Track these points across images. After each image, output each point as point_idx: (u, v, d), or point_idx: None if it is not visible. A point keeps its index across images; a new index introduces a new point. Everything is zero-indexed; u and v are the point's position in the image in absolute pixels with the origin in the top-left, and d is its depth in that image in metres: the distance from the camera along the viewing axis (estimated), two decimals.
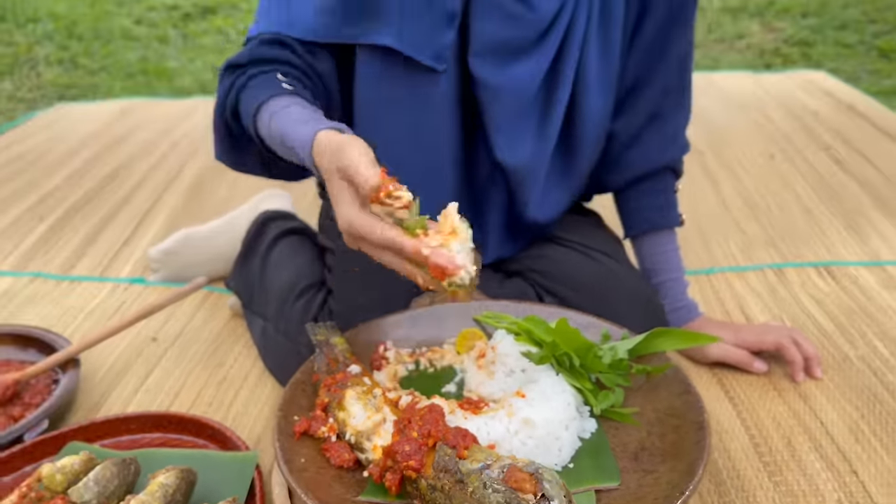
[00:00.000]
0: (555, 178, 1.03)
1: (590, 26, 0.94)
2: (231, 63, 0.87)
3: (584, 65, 0.95)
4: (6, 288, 1.35)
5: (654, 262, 1.13)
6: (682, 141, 1.10)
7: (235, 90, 0.85)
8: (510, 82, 0.93)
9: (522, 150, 0.97)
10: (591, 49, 0.95)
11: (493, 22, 0.90)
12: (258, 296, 1.13)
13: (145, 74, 2.65)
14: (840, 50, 2.57)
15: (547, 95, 0.97)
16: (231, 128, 0.89)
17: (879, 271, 1.29)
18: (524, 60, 0.93)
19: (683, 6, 0.99)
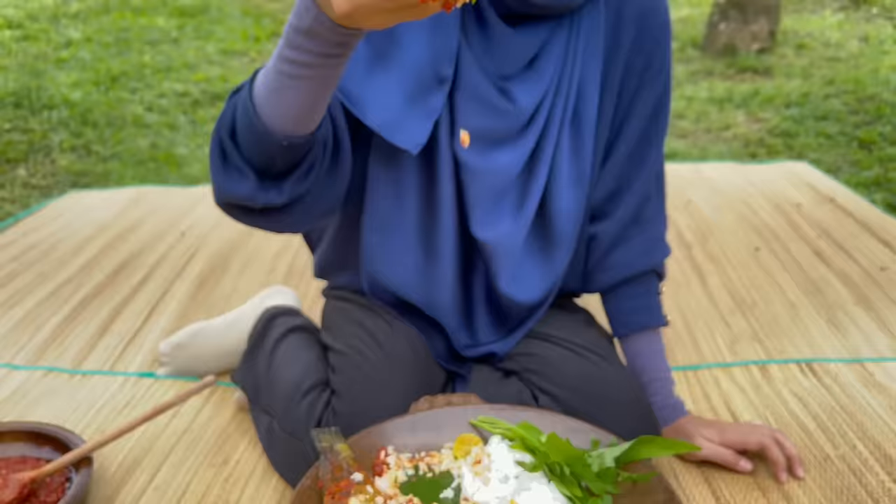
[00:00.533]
0: (531, 261, 1.10)
1: (562, 127, 1.03)
2: (235, 88, 0.85)
3: (556, 161, 1.04)
4: (21, 382, 1.40)
5: (640, 362, 1.18)
6: (663, 244, 1.18)
7: (233, 102, 0.82)
8: (492, 168, 1.01)
9: (497, 228, 1.04)
10: (563, 149, 1.03)
11: (477, 114, 0.98)
12: (264, 393, 1.18)
13: (155, 161, 2.76)
14: (822, 140, 2.69)
15: (524, 182, 1.05)
16: (224, 145, 0.82)
17: (860, 368, 1.35)
18: (506, 149, 1.02)
19: (655, 125, 1.09)
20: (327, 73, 0.70)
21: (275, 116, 0.75)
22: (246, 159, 0.80)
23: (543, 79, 1.00)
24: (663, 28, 1.05)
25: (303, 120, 0.76)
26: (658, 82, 1.07)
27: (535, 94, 1.00)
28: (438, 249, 1.05)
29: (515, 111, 1.00)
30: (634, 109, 1.08)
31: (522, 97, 0.99)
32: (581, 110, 1.04)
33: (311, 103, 0.74)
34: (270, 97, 0.74)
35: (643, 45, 1.04)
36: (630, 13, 1.02)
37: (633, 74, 1.06)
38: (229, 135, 0.80)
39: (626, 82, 1.06)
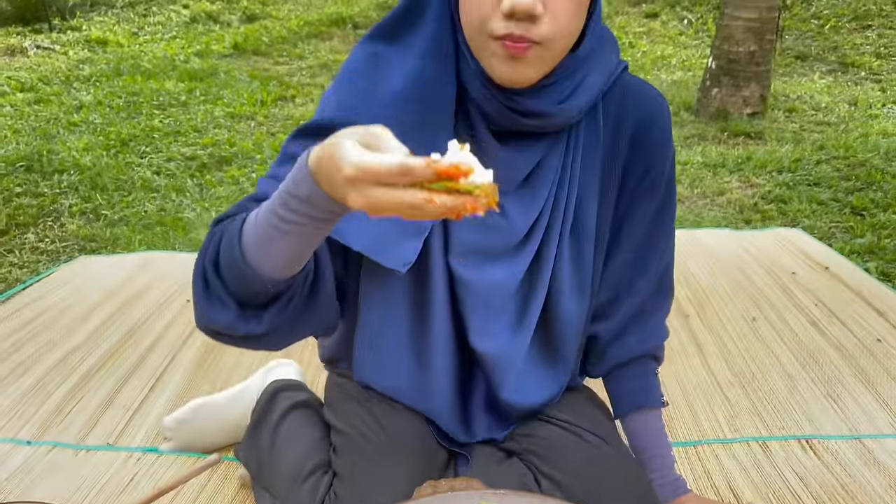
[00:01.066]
0: (535, 370, 1.08)
1: (562, 240, 1.02)
2: (217, 218, 0.87)
3: (557, 273, 1.03)
4: (25, 458, 1.41)
5: (640, 440, 1.19)
6: (662, 331, 1.19)
7: (218, 234, 0.83)
8: (487, 283, 1.00)
9: (496, 341, 1.03)
10: (563, 260, 1.02)
11: (471, 230, 0.98)
12: (267, 471, 1.18)
13: (163, 225, 2.81)
14: (815, 206, 2.74)
15: (524, 295, 1.03)
16: (207, 275, 0.83)
17: (859, 445, 1.36)
18: (501, 265, 1.00)
19: (658, 231, 1.08)
20: (318, 230, 0.73)
21: (262, 263, 0.77)
22: (229, 291, 0.82)
23: (539, 196, 0.99)
24: (663, 137, 1.02)
25: (289, 267, 0.78)
26: (657, 190, 1.06)
27: (530, 213, 0.99)
28: (433, 361, 1.05)
29: (510, 228, 0.99)
30: (633, 217, 1.07)
31: (517, 215, 0.99)
32: (580, 221, 1.03)
33: (299, 253, 0.77)
34: (260, 246, 0.76)
35: (641, 153, 1.03)
36: (628, 123, 1.01)
37: (630, 182, 1.05)
38: (213, 266, 0.81)
39: (623, 190, 1.05)
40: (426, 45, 0.91)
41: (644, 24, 6.88)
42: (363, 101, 0.91)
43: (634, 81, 1.02)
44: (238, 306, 0.82)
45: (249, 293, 0.81)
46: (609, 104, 1.01)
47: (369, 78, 0.93)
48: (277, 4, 7.81)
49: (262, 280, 0.78)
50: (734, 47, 4.27)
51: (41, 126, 4.09)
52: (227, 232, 0.80)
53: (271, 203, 0.73)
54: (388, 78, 0.92)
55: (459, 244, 0.98)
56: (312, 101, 4.82)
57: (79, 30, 6.95)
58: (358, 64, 0.94)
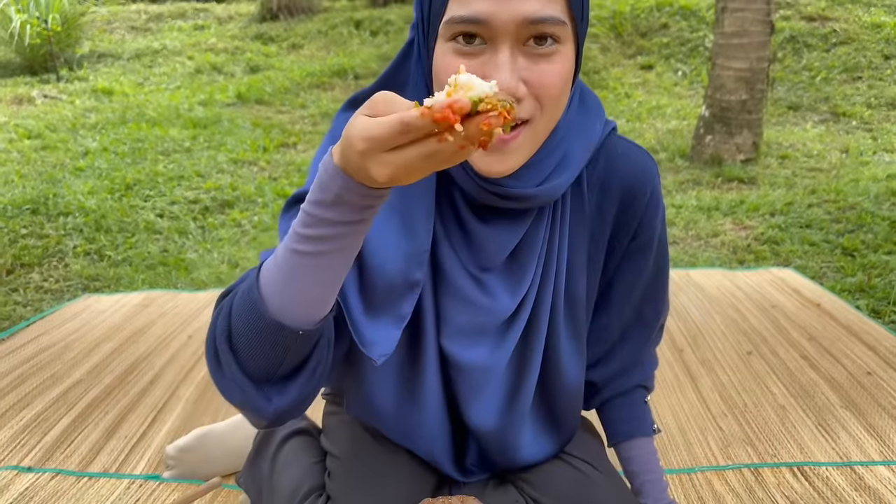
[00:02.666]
0: (538, 432, 1.08)
1: (556, 311, 1.00)
2: (223, 292, 0.83)
3: (555, 344, 1.01)
4: (28, 485, 1.42)
5: (633, 465, 1.21)
6: (654, 364, 1.22)
7: (227, 305, 0.77)
8: (477, 362, 0.99)
9: (491, 419, 1.02)
10: (559, 331, 1.01)
11: (459, 311, 0.96)
12: (266, 497, 1.20)
13: (165, 266, 2.85)
14: (806, 248, 2.79)
15: (516, 372, 1.02)
16: (219, 353, 0.77)
17: (850, 472, 1.38)
18: (489, 343, 0.99)
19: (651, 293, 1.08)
20: (351, 241, 0.70)
21: (290, 305, 0.72)
22: (242, 368, 0.75)
23: (526, 272, 0.96)
24: (651, 200, 1.00)
25: (321, 301, 0.73)
26: (649, 250, 1.05)
27: (517, 291, 0.96)
28: (425, 429, 1.04)
29: (496, 307, 0.97)
30: (625, 276, 1.06)
31: (503, 293, 0.97)
32: (571, 292, 1.02)
33: (332, 280, 0.72)
34: (286, 285, 0.71)
35: (630, 220, 1.01)
36: (615, 192, 0.99)
37: (620, 245, 1.04)
38: (226, 339, 0.75)
39: (613, 253, 1.05)
40: None
41: (639, 76, 7.05)
42: None
43: (620, 146, 0.99)
44: (256, 385, 0.76)
45: (271, 359, 0.75)
46: (593, 173, 0.98)
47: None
48: (280, 56, 8.02)
49: (289, 328, 0.72)
50: (726, 96, 4.39)
51: (47, 171, 4.17)
52: (239, 294, 0.75)
53: (292, 235, 0.70)
54: None
55: (449, 324, 0.97)
56: (314, 147, 4.92)
57: (85, 80, 7.12)
58: (338, 134, 0.90)
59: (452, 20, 0.77)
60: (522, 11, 0.75)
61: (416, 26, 0.88)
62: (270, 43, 8.51)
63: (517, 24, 0.75)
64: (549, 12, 0.76)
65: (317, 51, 8.17)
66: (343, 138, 0.63)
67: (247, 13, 9.97)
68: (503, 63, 0.76)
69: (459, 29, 0.77)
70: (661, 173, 4.24)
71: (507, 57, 0.76)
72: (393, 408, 1.03)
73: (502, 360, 1.00)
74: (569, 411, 1.08)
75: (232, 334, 0.74)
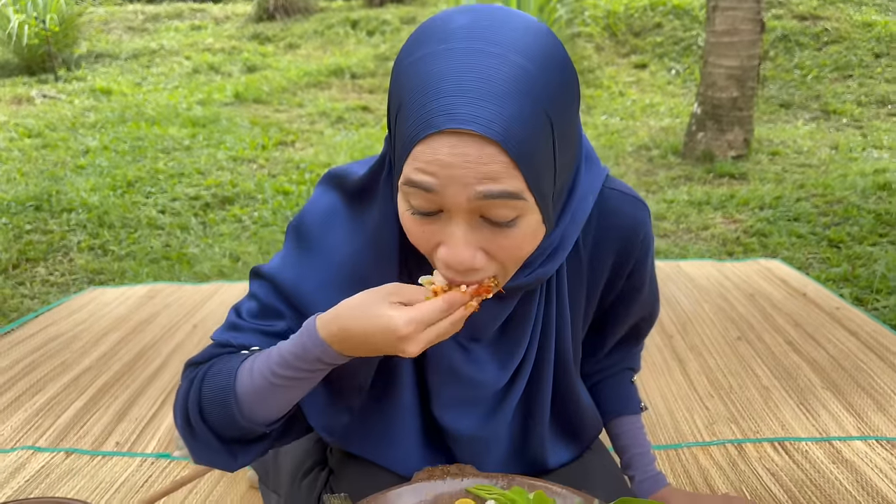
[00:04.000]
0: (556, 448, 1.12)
1: (565, 364, 1.03)
2: (190, 362, 0.90)
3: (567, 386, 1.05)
4: (44, 463, 1.49)
5: (622, 440, 1.27)
6: (641, 348, 1.28)
7: (198, 383, 0.86)
8: (472, 430, 1.01)
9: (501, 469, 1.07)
10: (571, 377, 1.05)
11: (445, 381, 0.97)
12: (272, 473, 1.27)
13: (168, 260, 2.91)
14: (793, 240, 2.87)
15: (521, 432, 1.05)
16: (193, 425, 0.86)
17: (828, 447, 1.45)
18: (483, 412, 1.01)
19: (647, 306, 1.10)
20: (320, 377, 0.83)
21: (261, 413, 0.84)
22: (216, 434, 0.87)
23: (518, 345, 0.96)
24: (644, 245, 1.00)
25: (288, 407, 0.86)
26: (641, 287, 1.07)
27: (508, 362, 0.97)
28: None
29: (486, 380, 0.99)
30: (620, 307, 1.08)
31: (492, 366, 0.96)
32: (577, 342, 1.05)
33: (300, 396, 0.85)
34: (259, 401, 0.83)
35: (624, 266, 1.02)
36: (610, 247, 0.98)
37: (613, 289, 1.05)
38: (198, 412, 0.85)
39: (608, 293, 1.06)
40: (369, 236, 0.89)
41: (633, 74, 7.13)
42: (311, 274, 0.91)
43: (612, 200, 0.96)
44: (226, 446, 0.89)
45: (242, 436, 0.88)
46: (588, 233, 0.96)
47: (320, 244, 0.91)
48: (277, 56, 8.08)
49: (258, 427, 0.86)
50: (717, 93, 4.47)
51: (49, 169, 4.23)
52: (211, 385, 0.85)
53: (269, 367, 0.81)
54: (335, 249, 0.91)
55: (438, 396, 0.98)
56: (312, 145, 4.98)
57: (83, 80, 7.17)
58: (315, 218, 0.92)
59: (406, 181, 0.72)
60: (474, 189, 0.68)
61: (386, 147, 0.84)
62: (267, 43, 8.56)
63: (469, 199, 0.69)
64: (505, 188, 0.69)
65: (313, 50, 8.23)
66: (359, 330, 0.75)
67: (243, 13, 10.03)
68: (457, 236, 0.72)
69: (413, 193, 0.72)
70: (654, 170, 4.31)
71: (461, 230, 0.72)
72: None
73: (499, 428, 1.02)
74: (588, 423, 1.13)
75: (203, 412, 0.85)
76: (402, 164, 0.73)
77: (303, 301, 0.91)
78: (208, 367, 0.87)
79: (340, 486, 1.11)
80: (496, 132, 0.67)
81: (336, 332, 0.76)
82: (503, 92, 0.67)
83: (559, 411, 1.08)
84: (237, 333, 0.91)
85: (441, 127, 0.67)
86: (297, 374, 0.80)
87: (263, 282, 0.94)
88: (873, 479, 1.34)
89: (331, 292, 0.90)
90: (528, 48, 0.70)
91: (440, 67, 0.69)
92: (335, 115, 5.88)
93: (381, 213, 0.86)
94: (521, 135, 0.68)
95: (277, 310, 0.92)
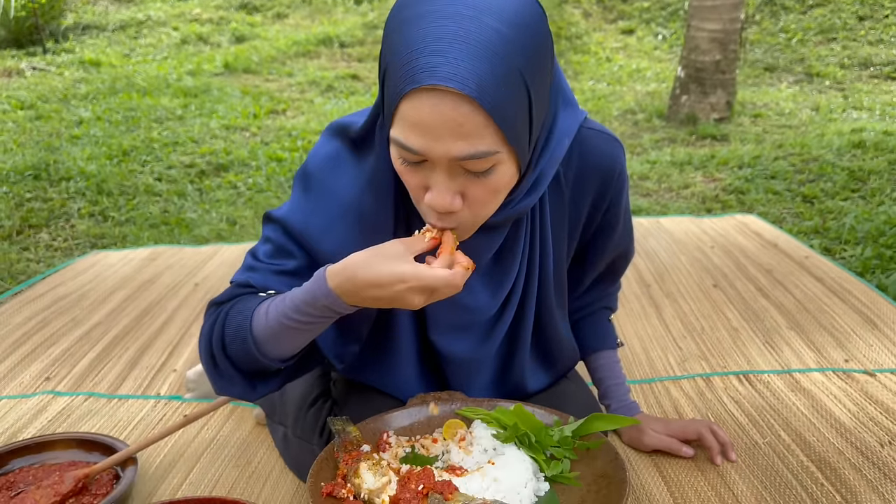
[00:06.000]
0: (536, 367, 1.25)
1: (546, 293, 1.14)
2: (213, 301, 1.02)
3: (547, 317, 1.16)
4: (64, 406, 1.60)
5: (599, 373, 1.39)
6: (617, 289, 1.40)
7: (221, 320, 0.97)
8: (465, 353, 1.14)
9: (486, 394, 1.21)
10: (552, 308, 1.16)
11: (443, 309, 1.08)
12: (279, 408, 1.38)
13: (167, 225, 3.01)
14: (770, 196, 2.99)
15: (507, 356, 1.18)
16: (216, 360, 0.99)
17: (788, 378, 1.58)
18: (477, 337, 1.13)
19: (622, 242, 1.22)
20: (329, 322, 0.93)
21: (274, 352, 0.95)
22: (238, 368, 0.99)
23: (508, 274, 1.07)
24: (620, 180, 1.10)
25: (302, 346, 0.97)
26: (618, 217, 1.16)
27: (499, 291, 1.07)
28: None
29: (480, 306, 1.08)
30: (598, 242, 1.19)
31: (485, 294, 1.07)
32: (559, 273, 1.16)
33: (311, 338, 0.95)
34: (273, 341, 0.94)
35: (603, 201, 1.12)
36: (589, 183, 1.08)
37: (594, 221, 1.15)
38: (221, 349, 0.97)
39: (588, 227, 1.16)
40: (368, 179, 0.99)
41: (620, 40, 7.18)
42: (318, 214, 1.02)
43: (591, 139, 1.06)
44: (247, 378, 1.00)
45: (260, 370, 1.00)
46: (569, 169, 1.07)
47: (325, 187, 1.02)
48: (266, 25, 8.07)
49: (274, 363, 0.97)
50: (700, 57, 4.55)
51: (44, 139, 4.29)
52: (232, 323, 0.96)
53: (283, 311, 0.91)
54: (339, 191, 1.01)
55: (436, 322, 1.10)
56: (303, 113, 5.05)
57: (72, 52, 7.16)
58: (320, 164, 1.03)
59: (394, 141, 0.84)
60: (452, 151, 0.80)
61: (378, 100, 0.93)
62: (255, 13, 8.54)
63: (448, 159, 0.81)
64: (480, 149, 0.80)
65: (301, 20, 8.22)
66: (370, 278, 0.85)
67: None
68: (440, 182, 0.84)
69: (400, 150, 0.84)
70: (639, 133, 4.41)
71: (443, 177, 0.84)
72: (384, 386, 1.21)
73: (490, 351, 1.15)
74: (565, 353, 1.26)
75: (226, 348, 0.97)
76: (391, 118, 0.83)
77: (312, 240, 1.02)
78: (230, 307, 0.99)
79: (343, 413, 1.23)
80: (472, 89, 0.76)
81: (343, 283, 0.87)
82: (479, 53, 0.77)
83: (539, 338, 1.20)
84: (255, 274, 1.03)
85: (422, 83, 0.77)
86: (308, 318, 0.90)
87: (276, 225, 1.05)
88: (827, 404, 1.47)
89: (337, 230, 1.02)
90: (503, 12, 0.80)
91: (422, 29, 0.79)
92: (325, 84, 5.93)
93: (378, 158, 0.97)
94: (496, 93, 0.78)
95: (289, 250, 1.04)
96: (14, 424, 1.53)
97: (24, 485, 1.28)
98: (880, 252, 2.34)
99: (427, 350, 1.15)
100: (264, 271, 1.03)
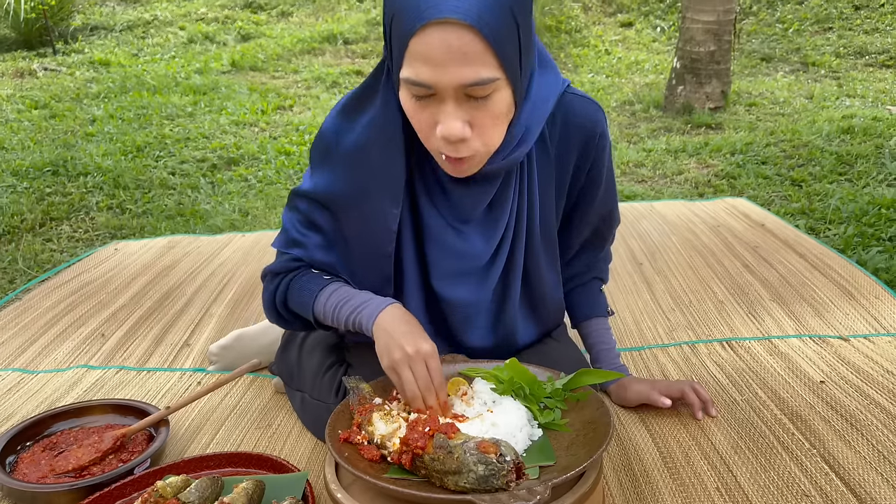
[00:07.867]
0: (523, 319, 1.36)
1: (534, 246, 1.25)
2: (270, 270, 1.26)
3: (535, 270, 1.27)
4: (97, 378, 1.73)
5: (591, 339, 1.51)
6: (607, 257, 1.50)
7: (283, 288, 1.23)
8: (464, 298, 1.25)
9: (485, 340, 1.33)
10: (539, 260, 1.27)
11: (442, 256, 1.21)
12: (297, 375, 1.51)
13: (183, 216, 3.14)
14: (760, 181, 3.10)
15: (501, 300, 1.29)
16: (283, 315, 1.27)
17: (767, 343, 1.70)
18: (474, 282, 1.25)
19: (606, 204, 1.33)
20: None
21: (327, 326, 1.24)
22: (302, 320, 1.26)
23: (500, 223, 1.18)
24: (602, 142, 1.21)
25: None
26: (601, 178, 1.26)
27: (492, 238, 1.19)
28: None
29: (475, 252, 1.19)
30: (583, 202, 1.30)
31: (480, 242, 1.18)
32: (546, 227, 1.26)
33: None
34: (327, 323, 1.22)
35: (586, 161, 1.23)
36: (573, 144, 1.20)
37: (578, 181, 1.26)
38: (284, 307, 1.26)
39: (573, 187, 1.26)
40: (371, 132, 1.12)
41: (619, 33, 7.28)
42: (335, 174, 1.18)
43: (575, 103, 1.18)
44: (307, 326, 1.30)
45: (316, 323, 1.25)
46: (554, 130, 1.18)
47: (331, 152, 1.18)
48: (270, 24, 8.19)
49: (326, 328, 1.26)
50: (695, 48, 4.66)
51: (60, 137, 4.43)
52: (296, 298, 1.23)
53: (333, 311, 1.19)
54: (349, 152, 1.15)
55: (436, 269, 1.23)
56: (309, 109, 5.18)
57: (81, 52, 7.30)
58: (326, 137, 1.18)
59: (405, 80, 0.99)
60: (459, 78, 0.94)
61: (385, 53, 1.08)
62: (260, 11, 8.66)
63: (455, 88, 0.95)
64: (483, 75, 0.94)
65: (305, 17, 8.34)
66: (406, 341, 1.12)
67: None
68: (449, 112, 0.98)
69: (411, 87, 0.97)
70: (636, 123, 4.52)
71: (452, 107, 0.98)
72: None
73: (486, 296, 1.26)
74: (552, 307, 1.38)
75: (293, 311, 1.26)
76: (402, 60, 0.97)
77: (338, 201, 1.18)
78: (291, 279, 1.22)
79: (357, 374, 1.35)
80: (473, 18, 0.91)
81: (378, 333, 1.13)
82: None
83: (527, 288, 1.32)
84: (300, 250, 1.23)
85: (431, 17, 0.92)
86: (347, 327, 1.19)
87: (303, 198, 1.23)
88: (803, 365, 1.59)
89: (356, 184, 1.16)
90: None
91: None
92: (330, 80, 6.05)
93: (385, 106, 1.10)
94: (493, 23, 0.93)
95: (315, 220, 1.22)
96: (52, 394, 1.66)
97: (66, 445, 1.40)
98: (862, 230, 2.45)
99: (431, 299, 1.27)
100: (306, 246, 1.23)
